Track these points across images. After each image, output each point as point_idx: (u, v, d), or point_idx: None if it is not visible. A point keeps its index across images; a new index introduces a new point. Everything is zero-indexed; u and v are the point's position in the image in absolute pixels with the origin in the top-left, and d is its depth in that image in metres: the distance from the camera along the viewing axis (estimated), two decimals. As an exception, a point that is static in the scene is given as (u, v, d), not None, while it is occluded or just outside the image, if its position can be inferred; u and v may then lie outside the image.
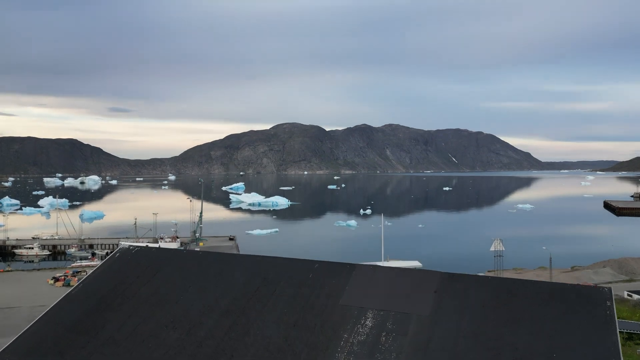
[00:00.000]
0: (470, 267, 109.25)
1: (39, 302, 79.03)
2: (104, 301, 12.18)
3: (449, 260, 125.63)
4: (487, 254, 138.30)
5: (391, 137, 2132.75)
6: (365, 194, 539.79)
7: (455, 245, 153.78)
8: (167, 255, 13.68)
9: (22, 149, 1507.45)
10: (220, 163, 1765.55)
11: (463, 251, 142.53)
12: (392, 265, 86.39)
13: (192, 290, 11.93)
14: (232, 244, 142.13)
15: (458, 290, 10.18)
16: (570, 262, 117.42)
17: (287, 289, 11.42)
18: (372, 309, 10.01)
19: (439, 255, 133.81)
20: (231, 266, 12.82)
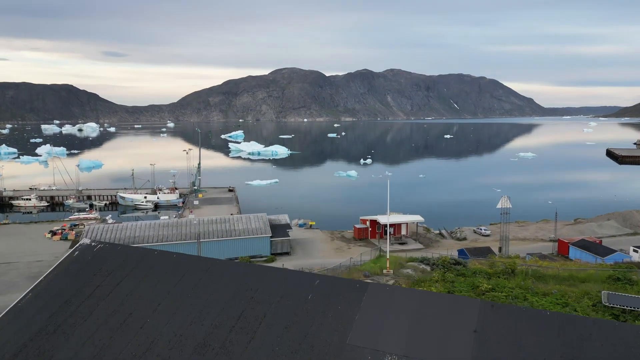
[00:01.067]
0: (472, 221, 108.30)
1: (37, 256, 78.38)
2: (53, 321, 9.46)
3: (451, 213, 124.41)
4: (490, 205, 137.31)
5: (392, 82, 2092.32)
6: (366, 142, 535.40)
7: (456, 197, 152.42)
8: (135, 257, 10.82)
9: (18, 94, 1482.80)
10: (219, 110, 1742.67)
11: (465, 203, 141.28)
12: (394, 220, 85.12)
13: (161, 312, 9.12)
14: (231, 195, 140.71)
15: (505, 328, 7.52)
16: (573, 214, 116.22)
17: (280, 316, 8.63)
18: (390, 354, 7.44)
19: (440, 207, 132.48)
20: (212, 278, 9.95)
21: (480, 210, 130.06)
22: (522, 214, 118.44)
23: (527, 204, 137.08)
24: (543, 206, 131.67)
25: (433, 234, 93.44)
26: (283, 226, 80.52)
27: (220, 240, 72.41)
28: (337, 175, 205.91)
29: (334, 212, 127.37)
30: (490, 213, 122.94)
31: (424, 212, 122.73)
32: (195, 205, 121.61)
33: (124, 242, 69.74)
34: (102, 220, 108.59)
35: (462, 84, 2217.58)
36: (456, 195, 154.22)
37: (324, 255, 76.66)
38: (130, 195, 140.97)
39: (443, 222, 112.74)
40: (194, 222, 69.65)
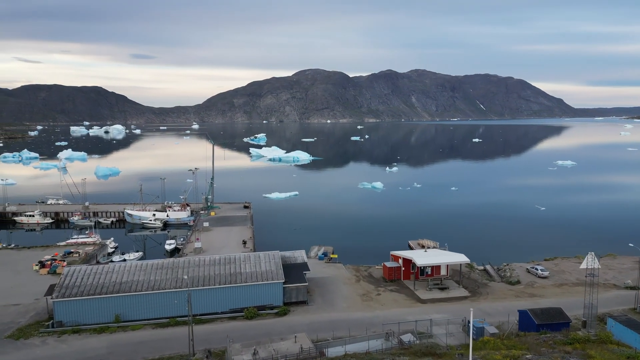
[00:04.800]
0: (520, 251, 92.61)
1: (15, 298, 67.51)
2: None
3: (492, 240, 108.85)
4: (537, 229, 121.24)
5: (417, 83, 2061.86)
6: (390, 145, 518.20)
7: (496, 217, 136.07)
8: None
9: (49, 96, 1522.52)
10: (243, 111, 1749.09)
11: (508, 226, 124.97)
12: (432, 262, 70.85)
13: None
14: (246, 213, 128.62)
15: None
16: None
17: None
18: None
19: (479, 232, 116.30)
20: None
21: (527, 235, 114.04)
22: (578, 243, 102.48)
23: (582, 230, 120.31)
24: (600, 233, 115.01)
25: (478, 272, 78.86)
26: (299, 267, 67.56)
27: (223, 287, 60.04)
28: (362, 186, 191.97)
29: (359, 236, 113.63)
30: (539, 240, 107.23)
31: (460, 238, 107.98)
32: (205, 228, 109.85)
33: (108, 289, 58.11)
34: (100, 246, 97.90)
35: (488, 84, 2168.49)
36: (496, 216, 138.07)
37: (349, 306, 63.28)
38: (138, 212, 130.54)
39: (484, 250, 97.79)
40: (185, 277, 57.36)
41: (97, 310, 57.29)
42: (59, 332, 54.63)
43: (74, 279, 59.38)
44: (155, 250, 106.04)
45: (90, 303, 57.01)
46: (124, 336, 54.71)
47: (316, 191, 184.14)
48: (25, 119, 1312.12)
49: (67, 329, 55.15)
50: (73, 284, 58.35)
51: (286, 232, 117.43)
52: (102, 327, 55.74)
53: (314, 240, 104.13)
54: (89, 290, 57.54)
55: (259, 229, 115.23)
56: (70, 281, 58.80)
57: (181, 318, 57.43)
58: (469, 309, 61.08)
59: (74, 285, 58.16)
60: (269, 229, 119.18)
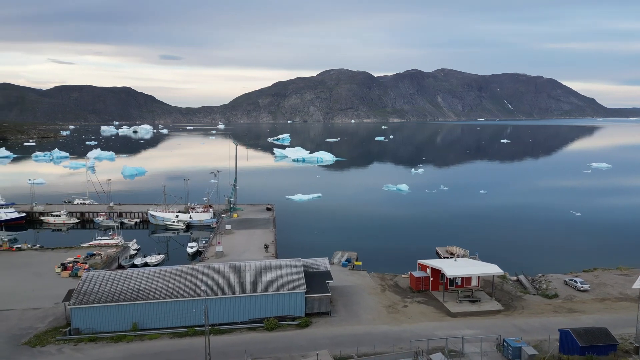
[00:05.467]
0: (555, 260, 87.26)
1: (35, 301, 66.94)
2: None
3: (525, 247, 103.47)
4: (573, 235, 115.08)
5: (443, 82, 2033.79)
6: (416, 146, 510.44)
7: (529, 222, 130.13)
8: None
9: (81, 97, 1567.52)
10: (267, 111, 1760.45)
11: (541, 232, 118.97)
12: (462, 273, 66.75)
13: None
14: (268, 216, 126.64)
15: None
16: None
17: None
18: None
19: (511, 238, 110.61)
20: None
21: (563, 243, 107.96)
22: (618, 253, 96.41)
23: (621, 238, 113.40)
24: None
25: (511, 284, 74.39)
26: (322, 275, 64.75)
27: (242, 296, 57.79)
28: (387, 188, 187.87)
29: (383, 241, 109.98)
30: (576, 249, 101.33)
31: (491, 245, 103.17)
32: (227, 231, 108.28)
33: (125, 296, 56.62)
34: (122, 248, 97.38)
35: (516, 83, 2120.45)
36: (528, 222, 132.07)
37: (374, 318, 60.11)
38: (161, 214, 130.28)
39: (516, 259, 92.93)
40: (202, 288, 55.17)
41: (115, 317, 55.87)
42: (76, 340, 53.39)
43: (92, 284, 58.13)
44: (177, 252, 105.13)
45: (107, 310, 55.63)
46: (141, 346, 53.03)
47: (340, 193, 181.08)
48: (58, 119, 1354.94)
49: (83, 337, 53.87)
50: (91, 290, 57.10)
51: (309, 236, 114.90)
52: (119, 336, 54.24)
53: (337, 245, 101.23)
54: (107, 297, 56.18)
55: (281, 232, 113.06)
56: (88, 287, 57.56)
57: (199, 328, 55.45)
58: (503, 324, 57.28)
59: (91, 291, 56.91)
60: (292, 233, 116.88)
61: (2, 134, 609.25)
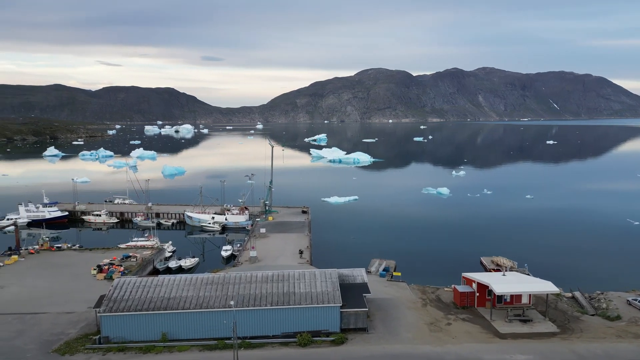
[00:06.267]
0: (614, 275, 78.90)
1: (69, 305, 66.61)
2: None
3: (589, 272, 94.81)
4: (634, 248, 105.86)
5: (484, 81, 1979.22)
6: (456, 146, 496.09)
7: (581, 232, 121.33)
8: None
9: (127, 97, 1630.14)
10: (305, 111, 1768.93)
11: (595, 243, 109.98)
12: (513, 291, 61.16)
13: None
14: (304, 219, 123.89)
15: None
16: None
17: None
18: None
19: (569, 259, 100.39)
20: None
21: (623, 256, 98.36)
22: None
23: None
24: None
25: (566, 302, 68.10)
26: (358, 288, 60.99)
27: (274, 308, 54.92)
28: (426, 191, 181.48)
29: (424, 249, 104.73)
30: (638, 264, 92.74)
31: (541, 256, 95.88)
32: (262, 234, 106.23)
33: (155, 304, 54.91)
34: (158, 250, 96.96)
35: (563, 82, 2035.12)
36: (581, 230, 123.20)
37: (415, 337, 55.82)
38: (197, 215, 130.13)
39: (570, 272, 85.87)
40: (231, 303, 52.50)
41: (144, 327, 54.28)
42: (104, 349, 52.09)
43: (123, 291, 56.83)
44: (212, 255, 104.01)
45: (137, 319, 54.11)
46: (170, 358, 51.07)
47: (377, 195, 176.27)
48: (105, 119, 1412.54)
49: (112, 347, 52.50)
50: (121, 297, 55.77)
51: (344, 242, 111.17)
52: (147, 346, 52.55)
53: (375, 252, 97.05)
54: (137, 305, 54.66)
55: (317, 236, 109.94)
56: (118, 294, 56.28)
57: (230, 341, 52.97)
58: (560, 350, 51.68)
59: (121, 298, 55.57)
60: (327, 237, 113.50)
61: (53, 133, 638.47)
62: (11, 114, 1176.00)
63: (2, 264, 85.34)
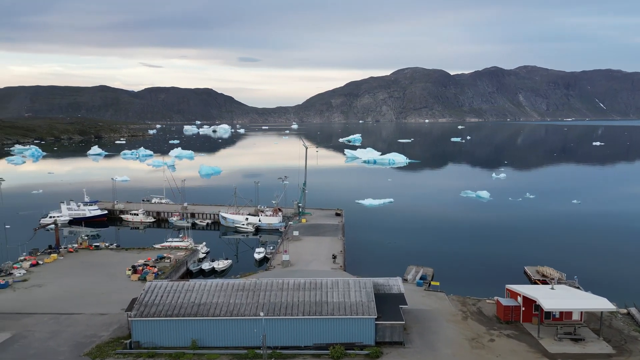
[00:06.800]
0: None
1: (104, 306, 66.85)
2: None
3: (633, 272, 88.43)
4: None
5: (526, 80, 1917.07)
6: (495, 148, 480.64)
7: (635, 244, 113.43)
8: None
9: (167, 98, 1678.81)
10: (340, 111, 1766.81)
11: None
12: (563, 307, 56.51)
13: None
14: (337, 222, 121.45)
15: None
16: None
17: None
18: None
19: (623, 270, 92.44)
20: None
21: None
22: None
23: None
24: None
25: (621, 319, 62.73)
26: (394, 299, 58.04)
27: (306, 318, 52.82)
28: (465, 195, 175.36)
29: (463, 256, 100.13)
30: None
31: (591, 267, 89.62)
32: (295, 237, 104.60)
33: (186, 310, 53.92)
34: (191, 251, 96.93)
35: (610, 80, 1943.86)
36: (635, 238, 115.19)
37: (455, 353, 52.39)
38: (231, 215, 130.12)
39: (625, 286, 79.61)
40: (261, 314, 50.67)
41: (174, 333, 53.39)
42: (134, 354, 51.48)
43: (154, 295, 56.19)
44: (245, 256, 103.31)
45: (167, 325, 53.28)
46: (199, 366, 49.82)
47: (413, 198, 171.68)
48: (147, 118, 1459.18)
49: (143, 352, 51.85)
50: (152, 301, 55.12)
51: (379, 246, 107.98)
52: (177, 353, 51.57)
53: (411, 258, 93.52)
54: (167, 310, 53.83)
55: (350, 240, 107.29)
56: (149, 298, 55.67)
57: (260, 350, 51.30)
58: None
59: (152, 303, 54.92)
60: (361, 242, 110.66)
61: (97, 132, 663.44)
62: (59, 113, 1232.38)
63: (42, 262, 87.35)
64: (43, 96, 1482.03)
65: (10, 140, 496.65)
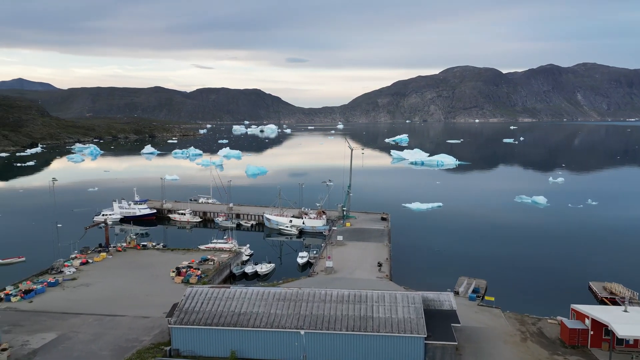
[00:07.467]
0: None
1: (147, 309, 66.79)
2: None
3: None
4: None
5: (584, 78, 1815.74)
6: (551, 150, 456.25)
7: None
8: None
9: (218, 98, 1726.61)
10: (386, 111, 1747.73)
11: None
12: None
13: None
14: (383, 226, 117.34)
15: None
16: None
17: None
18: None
19: None
20: None
21: None
22: None
23: None
24: None
25: None
26: (445, 316, 53.82)
27: (349, 334, 49.78)
28: (519, 200, 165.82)
29: (519, 268, 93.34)
30: None
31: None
32: (339, 242, 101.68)
33: (225, 319, 52.28)
34: (235, 254, 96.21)
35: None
36: None
37: (513, 381, 47.58)
38: (275, 217, 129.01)
39: None
40: (301, 332, 48.26)
41: (214, 342, 51.93)
42: (173, 363, 50.40)
43: (194, 302, 55.00)
44: (288, 260, 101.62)
45: (206, 333, 51.89)
46: (237, 379, 47.98)
47: (463, 203, 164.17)
48: (198, 118, 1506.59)
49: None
50: (192, 308, 53.93)
51: (427, 255, 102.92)
52: (216, 364, 50.00)
53: (461, 268, 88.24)
54: (207, 318, 52.42)
55: (397, 247, 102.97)
56: (190, 305, 54.51)
57: (301, 365, 48.80)
58: None
59: (192, 310, 53.71)
60: (408, 249, 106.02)
61: (151, 131, 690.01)
62: (117, 113, 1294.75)
63: (92, 260, 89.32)
64: (103, 97, 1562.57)
65: (72, 139, 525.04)
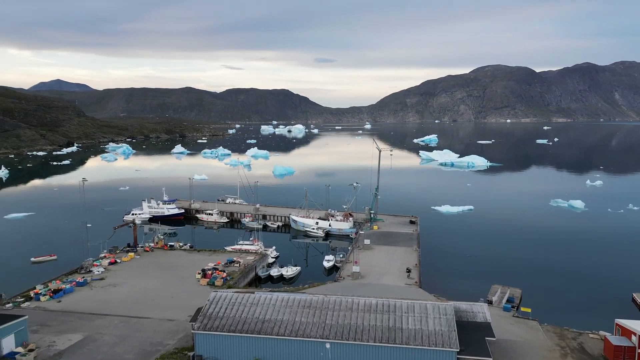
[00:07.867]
0: None
1: (173, 311, 66.40)
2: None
3: None
4: None
5: (623, 77, 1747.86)
6: (588, 151, 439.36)
7: None
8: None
9: (247, 99, 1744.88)
10: (415, 111, 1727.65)
11: None
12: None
13: None
14: (412, 230, 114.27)
15: None
16: None
17: None
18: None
19: None
20: None
21: None
22: None
23: None
24: None
25: None
26: (479, 328, 50.98)
27: (376, 345, 47.69)
28: (555, 204, 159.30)
29: (556, 277, 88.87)
30: None
31: None
32: (366, 246, 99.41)
33: (249, 326, 51.02)
34: (261, 256, 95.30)
35: None
36: None
37: (552, 402, 44.48)
38: (301, 219, 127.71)
39: None
40: (327, 346, 46.58)
41: (237, 349, 50.77)
42: (196, 370, 49.42)
43: (218, 307, 53.99)
44: (314, 263, 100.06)
45: (230, 340, 50.76)
46: (261, 389, 46.61)
47: (495, 206, 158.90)
48: (227, 118, 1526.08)
49: (204, 367, 49.68)
50: (216, 314, 52.92)
51: (458, 261, 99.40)
52: (239, 372, 48.76)
53: (495, 276, 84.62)
54: (231, 324, 51.30)
55: (426, 252, 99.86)
56: (214, 310, 53.53)
57: (326, 377, 46.98)
58: None
59: (216, 315, 52.70)
60: (438, 254, 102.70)
61: (182, 131, 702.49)
62: (149, 113, 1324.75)
63: (120, 260, 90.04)
64: (136, 97, 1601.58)
65: (106, 139, 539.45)
